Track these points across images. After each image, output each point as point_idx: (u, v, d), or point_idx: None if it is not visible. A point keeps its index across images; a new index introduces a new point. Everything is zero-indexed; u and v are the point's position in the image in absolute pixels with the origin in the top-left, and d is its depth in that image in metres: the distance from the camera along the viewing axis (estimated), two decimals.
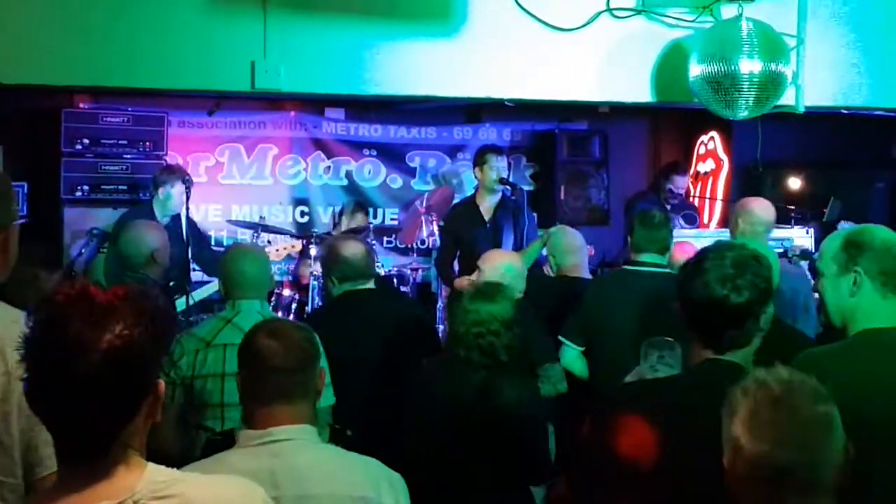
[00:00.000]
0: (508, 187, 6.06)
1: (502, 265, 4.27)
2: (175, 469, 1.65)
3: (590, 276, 5.16)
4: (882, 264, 2.56)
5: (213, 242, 7.43)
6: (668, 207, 6.88)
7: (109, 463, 1.56)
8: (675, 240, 4.56)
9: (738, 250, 2.30)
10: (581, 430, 2.39)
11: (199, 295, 5.54)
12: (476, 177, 6.25)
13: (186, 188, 6.04)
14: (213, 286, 5.52)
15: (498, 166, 6.05)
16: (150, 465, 1.62)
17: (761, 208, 4.89)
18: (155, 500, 1.56)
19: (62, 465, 1.59)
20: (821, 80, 5.08)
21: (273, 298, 6.05)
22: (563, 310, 4.47)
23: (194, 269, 5.82)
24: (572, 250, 5.03)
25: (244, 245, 4.06)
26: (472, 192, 6.45)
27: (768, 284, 2.27)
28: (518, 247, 5.73)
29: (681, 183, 7.04)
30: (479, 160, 6.18)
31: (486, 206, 6.16)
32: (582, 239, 5.14)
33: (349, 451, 2.38)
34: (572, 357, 4.31)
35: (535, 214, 6.37)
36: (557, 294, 4.74)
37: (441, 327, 6.01)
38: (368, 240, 6.78)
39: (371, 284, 4.19)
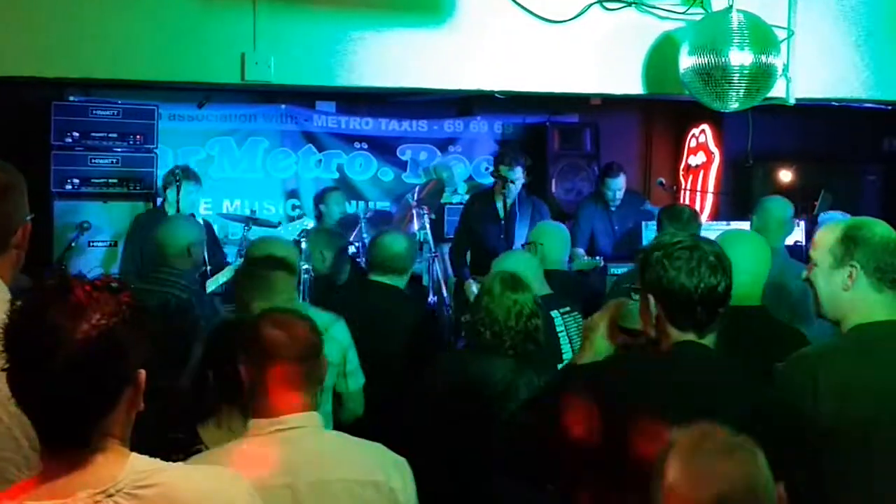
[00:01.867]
0: (501, 181, 6.07)
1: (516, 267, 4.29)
2: (158, 459, 1.65)
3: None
4: (879, 260, 2.53)
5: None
6: (613, 209, 6.87)
7: (90, 452, 1.56)
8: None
9: (713, 243, 2.40)
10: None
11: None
12: (493, 176, 6.36)
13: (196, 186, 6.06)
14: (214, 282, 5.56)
15: (512, 176, 6.05)
16: (134, 454, 1.62)
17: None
18: (137, 490, 1.56)
19: (44, 453, 1.59)
20: (811, 72, 5.06)
21: None
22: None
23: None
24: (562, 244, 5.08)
25: (272, 238, 4.09)
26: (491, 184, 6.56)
27: None
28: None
29: (615, 185, 6.92)
30: (495, 168, 6.27)
31: (502, 202, 6.19)
32: (567, 234, 5.23)
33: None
34: None
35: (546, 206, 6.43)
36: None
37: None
38: (360, 233, 6.80)
39: (391, 280, 4.27)
